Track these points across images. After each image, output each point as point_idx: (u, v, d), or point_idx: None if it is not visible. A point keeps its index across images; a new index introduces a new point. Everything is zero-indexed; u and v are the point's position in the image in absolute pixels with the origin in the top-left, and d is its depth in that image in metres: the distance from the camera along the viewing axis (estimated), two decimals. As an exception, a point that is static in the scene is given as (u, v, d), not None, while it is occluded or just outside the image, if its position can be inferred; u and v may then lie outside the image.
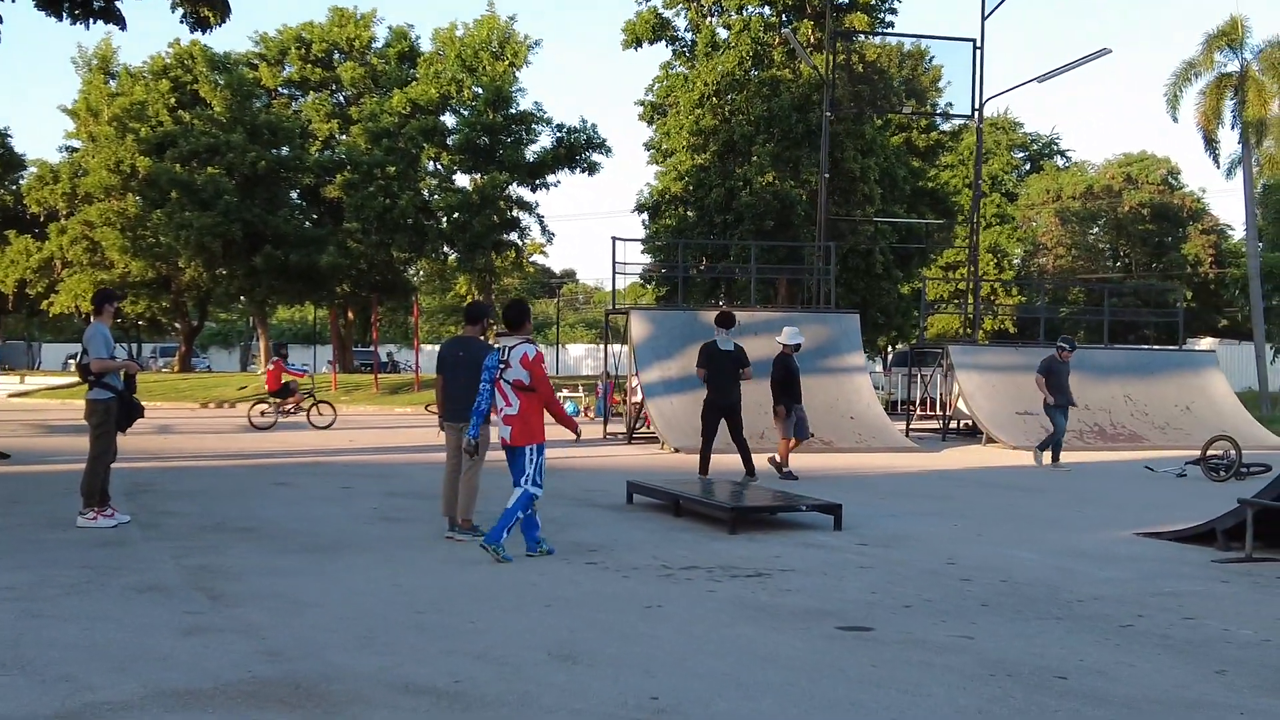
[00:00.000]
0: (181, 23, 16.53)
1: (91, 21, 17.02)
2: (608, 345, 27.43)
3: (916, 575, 8.61)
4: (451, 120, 43.21)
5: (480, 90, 41.50)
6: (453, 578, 8.33)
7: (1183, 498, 14.37)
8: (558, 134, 42.09)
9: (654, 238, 39.04)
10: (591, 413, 28.74)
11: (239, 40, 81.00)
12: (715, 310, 19.83)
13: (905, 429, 23.63)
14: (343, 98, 48.50)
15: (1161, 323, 38.33)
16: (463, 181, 43.25)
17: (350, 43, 47.69)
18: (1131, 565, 9.14)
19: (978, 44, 26.80)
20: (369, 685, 5.63)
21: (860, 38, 36.50)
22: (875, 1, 38.44)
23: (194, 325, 54.19)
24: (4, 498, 12.51)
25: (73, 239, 45.36)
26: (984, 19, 26.71)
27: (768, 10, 38.04)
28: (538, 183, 42.19)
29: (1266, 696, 5.62)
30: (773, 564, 9.00)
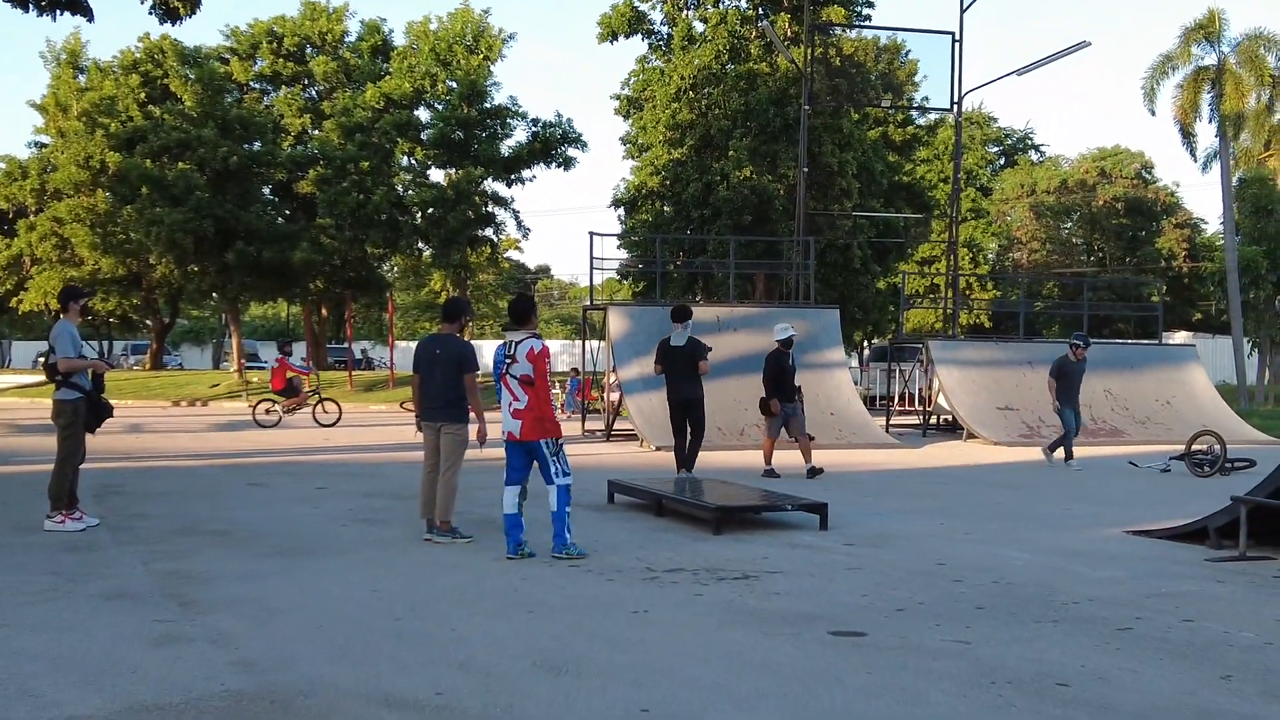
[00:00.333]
0: (150, 13, 16.22)
1: (58, 13, 16.68)
2: (586, 341, 27.22)
3: (907, 576, 8.44)
4: (425, 115, 42.85)
5: (454, 84, 41.18)
6: (432, 582, 8.11)
7: (1169, 494, 14.28)
8: (533, 128, 41.80)
9: (630, 233, 38.83)
10: (564, 409, 28.50)
11: (210, 34, 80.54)
12: (695, 306, 19.68)
13: (885, 425, 23.50)
14: (315, 92, 48.06)
15: (1136, 316, 38.38)
16: (437, 176, 42.95)
17: (322, 37, 47.26)
18: (1124, 565, 8.98)
19: (956, 37, 26.69)
20: (347, 698, 5.41)
21: (837, 31, 36.35)
22: (852, -5, 38.30)
23: (165, 322, 53.65)
24: (-31, 500, 12.22)
25: (42, 235, 44.85)
26: (963, 11, 26.62)
27: (744, 3, 37.84)
28: (513, 178, 41.91)
29: (1275, 703, 5.46)
30: (759, 565, 8.81)
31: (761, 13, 37.56)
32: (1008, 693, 5.54)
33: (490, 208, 42.02)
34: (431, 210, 39.77)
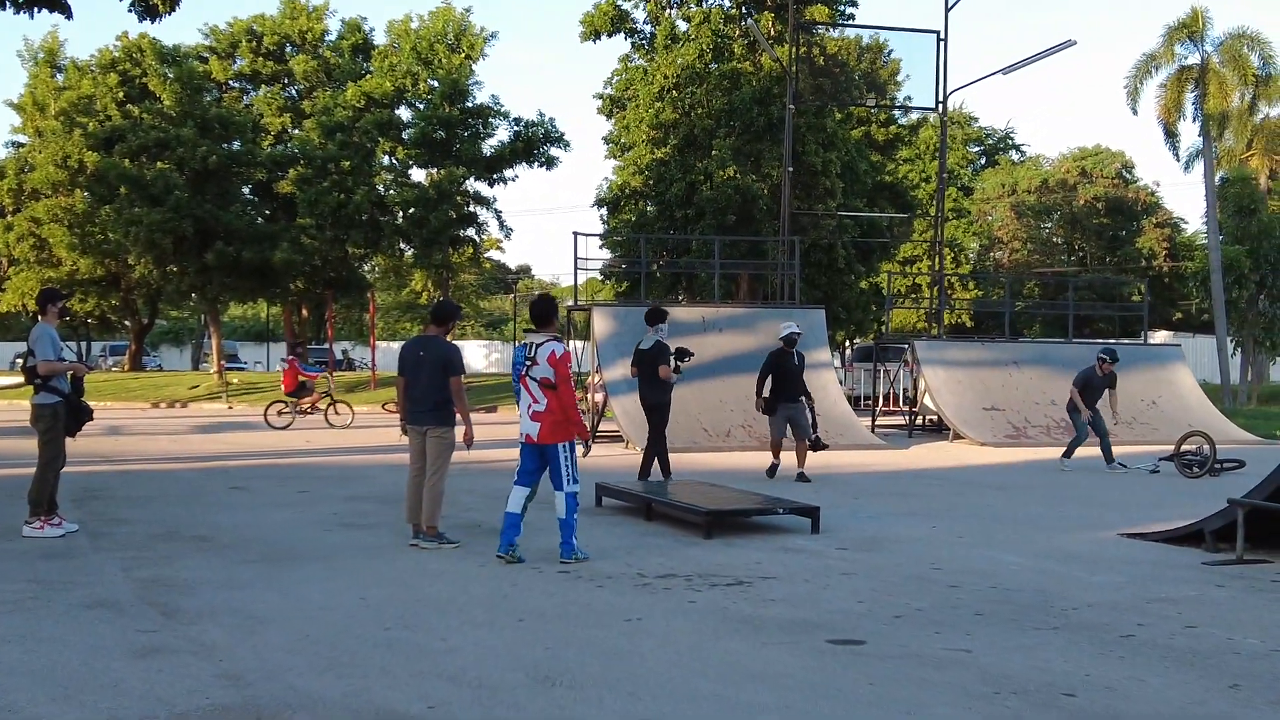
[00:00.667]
0: (130, 10, 15.91)
1: (36, 10, 16.39)
2: (570, 342, 27.02)
3: (902, 582, 8.31)
4: (407, 114, 42.60)
5: (436, 83, 40.95)
6: (420, 590, 7.95)
7: (1160, 495, 14.21)
8: (515, 128, 41.58)
9: (613, 232, 38.67)
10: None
11: (189, 33, 79.93)
12: (679, 307, 19.50)
13: (870, 425, 23.40)
14: (295, 91, 47.77)
15: (1118, 316, 38.35)
16: (419, 176, 42.71)
17: (302, 35, 46.96)
18: (1121, 569, 8.88)
19: (941, 36, 26.62)
20: (336, 712, 5.26)
21: (821, 30, 36.26)
22: (835, -6, 38.21)
23: (144, 323, 53.22)
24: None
25: (19, 236, 44.39)
26: (948, 10, 26.54)
27: (728, 2, 37.72)
28: (495, 177, 41.68)
29: (1286, 713, 5.36)
30: (753, 571, 8.67)
31: (745, 12, 37.44)
32: (1014, 704, 5.42)
33: (472, 207, 41.80)
34: (413, 210, 39.51)
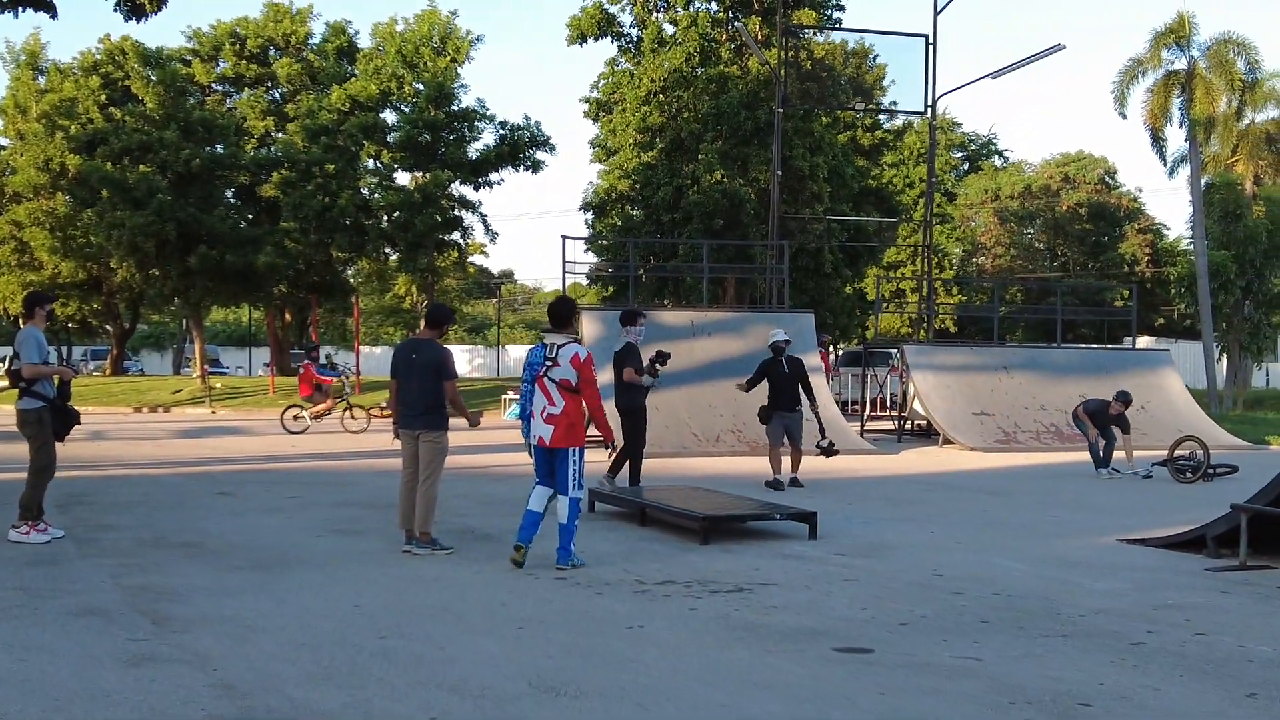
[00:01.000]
0: (116, 10, 15.77)
1: (20, 10, 16.23)
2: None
3: (905, 588, 8.20)
4: (392, 117, 42.37)
5: (421, 87, 40.71)
6: (415, 597, 7.81)
7: (1153, 501, 14.16)
8: (501, 131, 41.39)
9: (599, 236, 38.53)
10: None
11: (171, 35, 79.58)
12: (667, 311, 19.36)
13: (859, 430, 23.33)
14: (279, 94, 47.50)
15: (1100, 321, 38.40)
16: (404, 180, 42.48)
17: (286, 38, 46.70)
18: (1124, 575, 8.79)
19: (930, 40, 26.58)
20: (336, 725, 5.13)
21: (808, 34, 36.21)
22: (823, -2, 38.18)
23: (126, 327, 52.87)
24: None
25: (0, 239, 44.05)
26: (936, 14, 26.48)
27: (715, 6, 37.64)
28: (481, 181, 41.47)
29: (1307, 723, 5.26)
30: (752, 577, 8.55)
31: (732, 15, 37.40)
32: (1029, 714, 5.31)
33: (458, 211, 41.61)
34: (398, 214, 39.28)
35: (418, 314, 59.41)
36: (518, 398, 30.53)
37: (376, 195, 41.18)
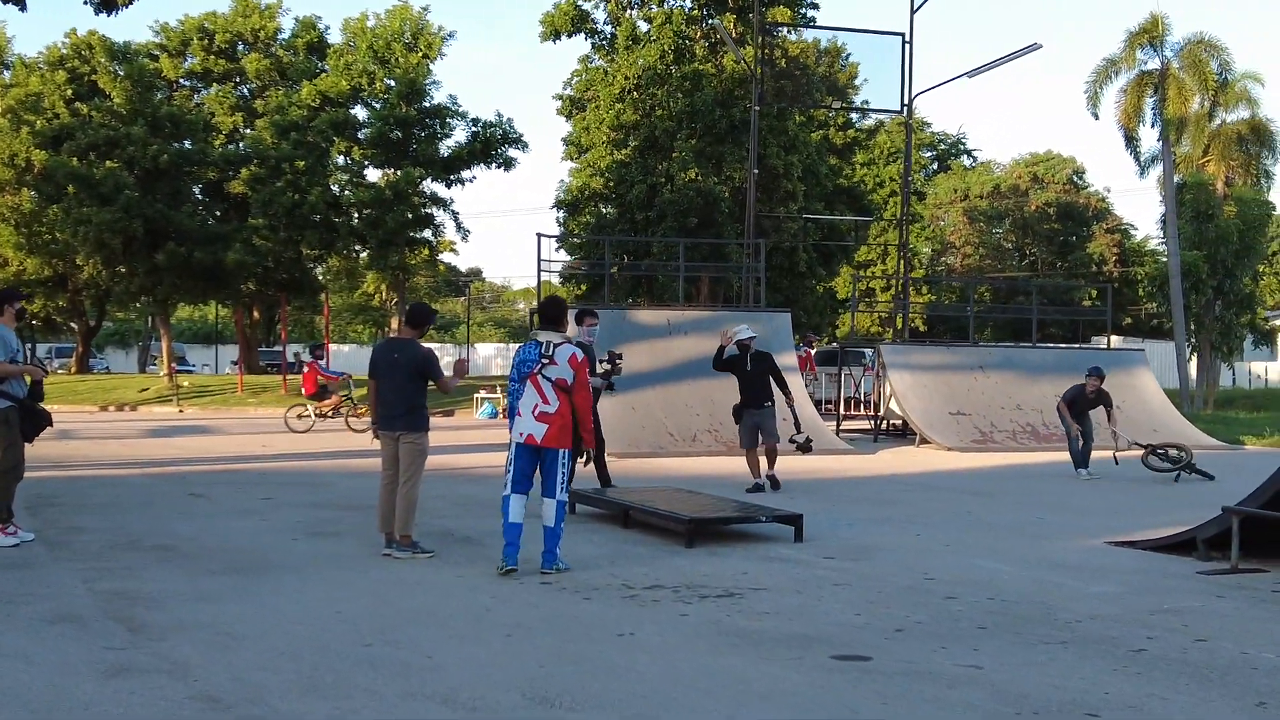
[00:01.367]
0: (85, 3, 15.49)
1: (-13, 2, 15.92)
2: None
3: (897, 593, 8.07)
4: (363, 113, 42.03)
5: (392, 83, 40.41)
6: (398, 602, 7.62)
7: (1133, 502, 14.12)
8: (473, 128, 41.11)
9: (571, 234, 38.33)
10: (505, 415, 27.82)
11: (139, 30, 78.69)
12: (642, 310, 19.18)
13: (835, 429, 23.22)
14: (247, 90, 47.02)
15: (1074, 320, 38.44)
16: (374, 176, 42.12)
17: (255, 34, 46.21)
18: (1117, 579, 8.68)
19: (906, 39, 26.53)
20: (324, 739, 4.94)
21: (784, 32, 36.12)
22: (797, -4, 38.09)
23: (91, 325, 52.25)
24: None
25: (-36, 235, 43.43)
26: (913, 12, 26.44)
27: (689, 3, 37.50)
28: (452, 178, 41.19)
29: (1319, 733, 5.15)
30: (741, 582, 8.40)
31: (706, 13, 37.25)
32: (1037, 724, 5.18)
33: (429, 209, 41.31)
34: (369, 211, 38.96)
35: (388, 312, 59.07)
36: (490, 396, 30.35)
37: (347, 192, 40.84)
